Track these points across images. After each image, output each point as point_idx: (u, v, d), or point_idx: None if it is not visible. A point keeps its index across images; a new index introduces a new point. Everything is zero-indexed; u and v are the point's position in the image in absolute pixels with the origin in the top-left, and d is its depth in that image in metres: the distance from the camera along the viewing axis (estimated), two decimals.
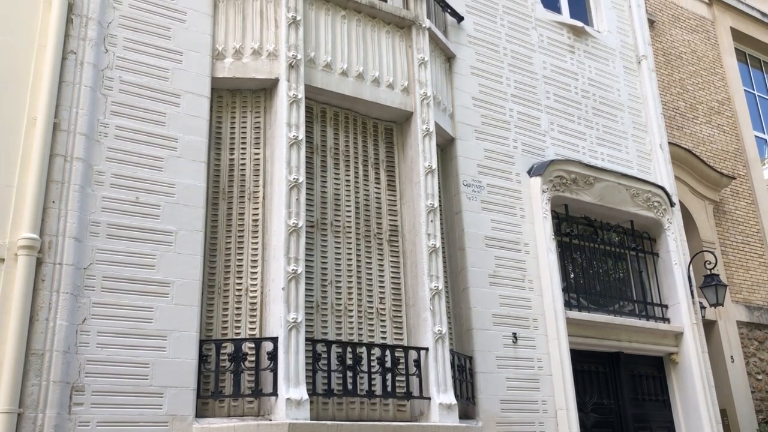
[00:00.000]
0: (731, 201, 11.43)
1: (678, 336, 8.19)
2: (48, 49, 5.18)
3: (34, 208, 4.80)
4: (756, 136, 12.53)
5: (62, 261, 4.86)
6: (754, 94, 13.24)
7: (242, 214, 5.86)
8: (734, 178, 11.40)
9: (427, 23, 7.00)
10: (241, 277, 5.69)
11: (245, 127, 6.12)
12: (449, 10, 7.59)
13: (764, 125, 13.15)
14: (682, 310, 8.23)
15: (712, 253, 9.50)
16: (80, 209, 5.03)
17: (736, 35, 13.02)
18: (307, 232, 5.84)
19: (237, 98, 6.17)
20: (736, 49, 12.95)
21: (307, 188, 5.95)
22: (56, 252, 4.85)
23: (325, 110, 6.48)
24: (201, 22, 6.03)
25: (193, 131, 5.70)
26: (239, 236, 5.80)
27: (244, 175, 5.97)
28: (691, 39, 12.17)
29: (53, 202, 4.93)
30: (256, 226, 5.83)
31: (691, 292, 8.40)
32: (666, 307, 8.40)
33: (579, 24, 8.91)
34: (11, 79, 5.08)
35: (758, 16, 13.33)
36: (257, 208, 5.88)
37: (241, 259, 5.74)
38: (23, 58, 5.16)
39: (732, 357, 10.20)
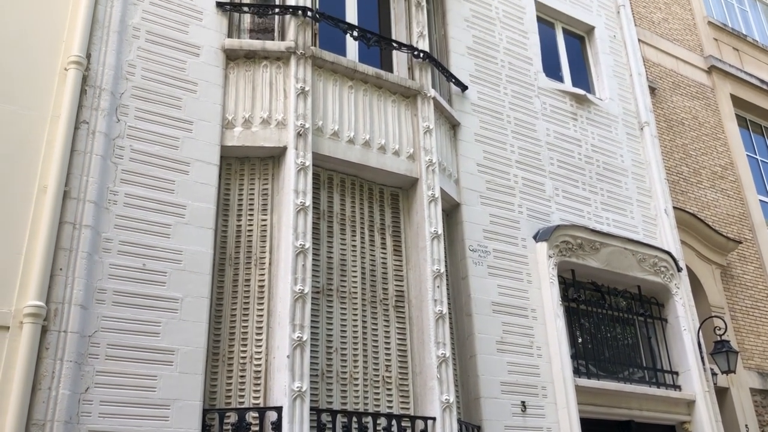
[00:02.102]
0: (739, 265, 11.37)
1: (690, 404, 8.02)
2: (61, 119, 5.31)
3: (42, 276, 4.82)
4: (760, 200, 12.56)
5: (67, 329, 4.84)
6: (757, 159, 13.34)
7: (248, 280, 5.87)
8: (741, 242, 11.36)
9: (432, 93, 7.15)
10: (245, 345, 5.65)
11: (253, 194, 6.18)
12: (453, 80, 7.76)
13: None
14: (694, 377, 8.09)
15: (721, 318, 9.39)
16: (87, 276, 5.04)
17: (736, 101, 13.21)
18: (312, 298, 5.83)
19: (245, 166, 6.26)
20: (736, 114, 13.11)
21: (313, 254, 5.97)
22: (61, 320, 4.84)
23: (332, 177, 6.56)
24: (212, 93, 6.17)
25: (201, 198, 5.76)
26: (245, 303, 5.79)
27: (251, 241, 6.00)
28: (692, 105, 12.35)
29: (60, 269, 4.95)
30: (262, 292, 5.82)
31: (702, 358, 8.27)
32: (677, 374, 8.26)
33: (581, 92, 9.08)
34: (24, 149, 5.18)
35: (756, 83, 13.56)
36: (263, 274, 5.89)
37: (246, 326, 5.71)
38: (37, 128, 5.27)
39: (747, 426, 9.94)
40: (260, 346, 5.64)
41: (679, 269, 8.61)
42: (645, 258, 8.35)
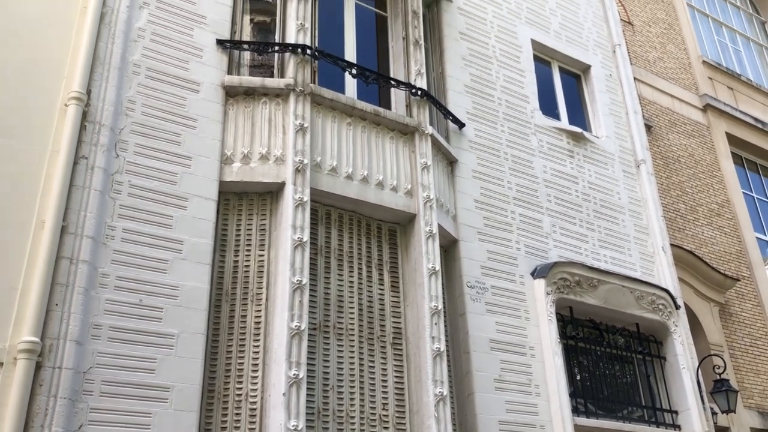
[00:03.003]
0: (737, 303, 11.34)
1: None
2: (60, 154, 5.33)
3: (37, 311, 4.79)
4: (757, 238, 12.59)
5: (62, 365, 4.79)
6: (753, 197, 13.40)
7: (245, 316, 5.83)
8: (738, 280, 11.36)
9: (430, 130, 7.21)
10: (241, 382, 5.59)
11: (251, 229, 6.18)
12: (451, 118, 7.83)
13: (765, 227, 13.23)
14: (693, 417, 8.00)
15: (720, 357, 9.34)
16: (83, 312, 5.01)
17: (732, 140, 13.33)
18: (309, 334, 5.79)
19: (244, 201, 6.28)
20: (732, 153, 13.22)
21: (310, 290, 5.95)
22: (56, 356, 4.80)
23: (329, 212, 6.57)
24: (211, 129, 6.21)
25: (199, 234, 5.76)
26: (241, 339, 5.75)
27: (248, 276, 5.98)
28: (688, 143, 12.46)
29: (56, 304, 4.92)
30: (258, 328, 5.78)
31: (702, 397, 8.20)
32: (676, 413, 8.18)
33: (578, 130, 9.16)
34: (23, 184, 5.19)
35: (751, 121, 13.70)
36: (260, 311, 5.85)
37: (242, 363, 5.66)
38: (36, 163, 5.29)
39: None
40: (256, 383, 5.58)
41: (678, 307, 8.59)
42: (643, 295, 8.33)
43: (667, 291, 8.56)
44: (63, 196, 5.20)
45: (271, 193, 6.28)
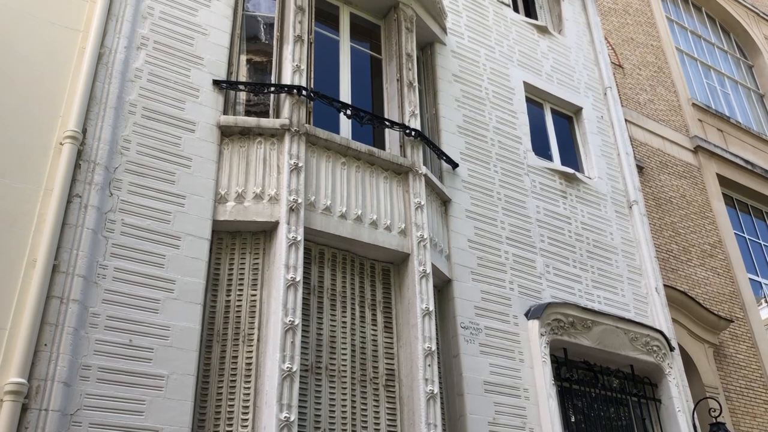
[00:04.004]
0: (731, 344, 11.30)
1: None
2: (54, 192, 5.32)
3: (25, 352, 4.72)
4: (750, 279, 12.60)
5: (49, 407, 4.70)
6: (745, 237, 13.46)
7: (236, 357, 5.76)
8: (732, 321, 11.33)
9: (424, 170, 7.25)
10: (231, 425, 5.50)
11: (243, 269, 6.15)
12: (444, 158, 7.88)
13: (757, 268, 13.26)
14: None
15: (716, 399, 9.26)
16: (72, 352, 4.94)
17: (723, 181, 13.45)
18: (301, 376, 5.72)
19: (237, 240, 6.26)
20: (723, 194, 13.32)
21: (302, 330, 5.90)
22: (43, 397, 4.71)
23: (323, 251, 6.55)
24: (206, 168, 6.23)
25: (191, 273, 5.73)
26: (231, 381, 5.67)
27: (239, 317, 5.93)
28: (679, 184, 12.55)
29: (45, 345, 4.85)
30: (249, 370, 5.71)
31: None
32: None
33: (570, 171, 9.22)
34: (15, 222, 5.17)
35: (741, 163, 13.84)
36: (251, 352, 5.79)
37: (233, 405, 5.57)
38: (29, 202, 5.28)
39: None
40: (246, 426, 5.49)
41: (672, 348, 8.54)
42: (637, 337, 8.29)
43: (661, 332, 8.52)
44: (55, 235, 5.17)
45: (265, 232, 6.27)
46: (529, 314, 7.61)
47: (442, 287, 7.32)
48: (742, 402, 10.81)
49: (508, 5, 10.25)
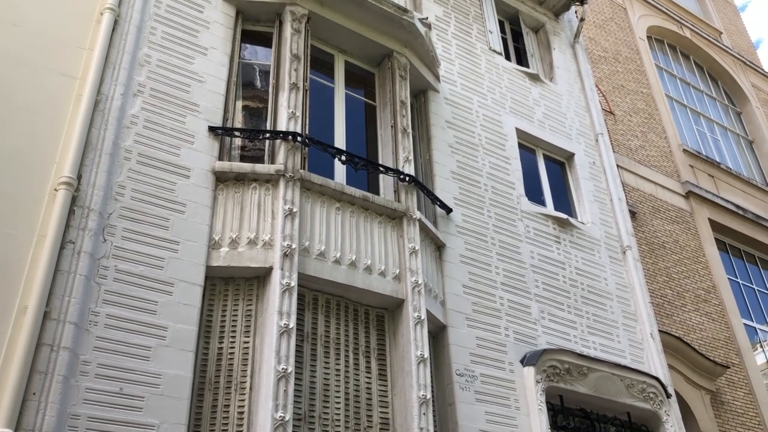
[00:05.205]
0: (728, 391, 11.20)
1: None
2: (47, 238, 5.29)
3: (13, 401, 4.63)
4: (745, 324, 12.56)
5: None
6: (738, 282, 13.47)
7: (227, 406, 5.67)
8: (728, 367, 11.25)
9: (418, 215, 7.26)
10: None
11: (236, 315, 6.10)
12: (438, 203, 7.91)
13: (752, 313, 13.24)
14: None
15: None
16: (61, 401, 4.85)
17: (715, 226, 13.51)
18: (294, 425, 5.62)
19: (230, 286, 6.22)
20: (716, 239, 13.37)
21: (295, 378, 5.82)
22: None
23: (317, 297, 6.51)
24: (200, 213, 6.22)
25: (183, 320, 5.67)
26: (223, 430, 5.56)
27: (232, 364, 5.86)
28: (672, 229, 12.61)
29: (34, 393, 4.76)
30: (241, 419, 5.61)
31: None
32: None
33: (563, 216, 9.26)
34: (7, 269, 5.12)
35: (733, 208, 13.93)
36: (243, 400, 5.70)
37: None
38: (22, 248, 5.25)
39: None
40: None
41: (668, 395, 8.46)
42: (633, 384, 8.22)
43: (657, 379, 8.45)
44: (47, 281, 5.13)
45: (258, 278, 6.24)
46: (525, 361, 7.55)
47: (437, 333, 7.26)
48: None
49: (500, 53, 10.43)
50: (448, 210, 8.01)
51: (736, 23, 19.96)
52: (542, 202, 9.43)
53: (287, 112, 6.91)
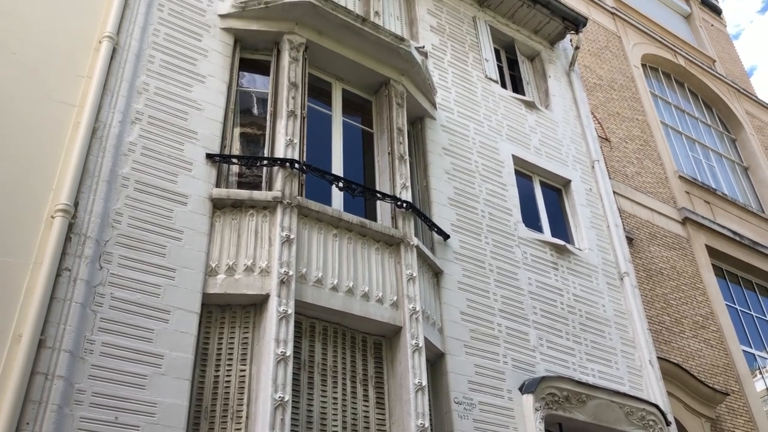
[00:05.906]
0: (728, 419, 11.11)
1: None
2: (43, 266, 5.26)
3: (6, 431, 4.56)
4: (744, 351, 12.50)
5: None
6: (736, 309, 13.44)
7: None
8: (728, 395, 11.17)
9: (415, 241, 7.26)
10: None
11: (233, 343, 6.05)
12: (436, 229, 7.91)
13: (750, 339, 13.19)
14: None
15: None
16: (55, 431, 4.78)
17: (712, 252, 13.52)
18: None
19: (227, 313, 6.18)
20: (713, 265, 13.36)
21: (292, 407, 5.76)
22: None
23: (314, 325, 6.47)
24: (197, 241, 6.21)
25: (180, 348, 5.63)
26: None
27: (228, 393, 5.80)
28: (669, 255, 12.61)
29: (27, 423, 4.70)
30: None
31: None
32: None
33: (560, 242, 9.26)
34: (2, 296, 5.09)
35: (730, 234, 13.95)
36: (240, 429, 5.63)
37: None
38: (18, 276, 5.22)
39: None
40: None
41: (668, 423, 8.39)
42: (633, 411, 8.15)
43: (656, 406, 8.39)
44: (42, 309, 5.09)
45: (255, 305, 6.21)
46: (524, 389, 7.49)
47: (435, 361, 7.21)
48: None
49: (496, 81, 10.51)
50: (446, 236, 8.01)
51: (729, 51, 20.20)
52: (539, 229, 9.44)
53: (285, 140, 6.94)
